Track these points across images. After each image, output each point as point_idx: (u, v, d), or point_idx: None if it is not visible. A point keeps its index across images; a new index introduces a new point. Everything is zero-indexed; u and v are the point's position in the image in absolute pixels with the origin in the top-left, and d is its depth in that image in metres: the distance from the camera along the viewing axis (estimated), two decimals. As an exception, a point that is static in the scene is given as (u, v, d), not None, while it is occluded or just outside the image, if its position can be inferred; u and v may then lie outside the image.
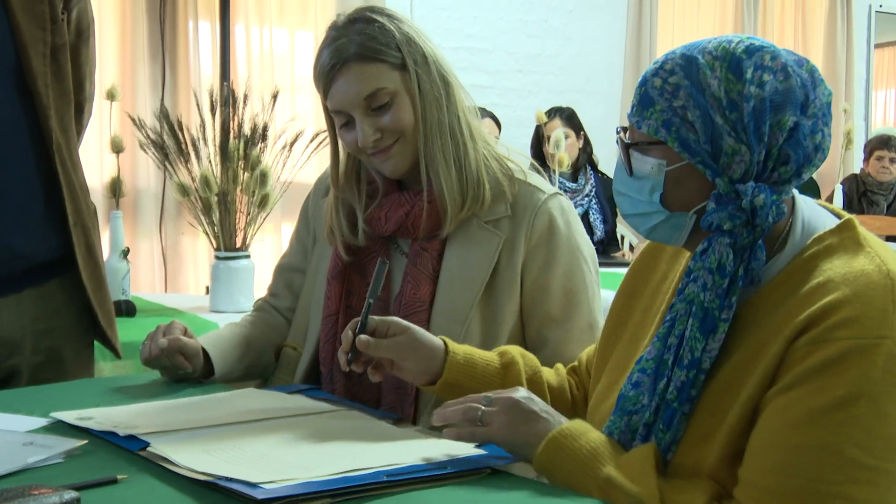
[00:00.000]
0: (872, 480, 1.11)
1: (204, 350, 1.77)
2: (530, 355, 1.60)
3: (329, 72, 1.66)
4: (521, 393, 1.34)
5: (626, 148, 1.28)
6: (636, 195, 1.28)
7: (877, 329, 1.13)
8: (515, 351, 1.58)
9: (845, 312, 1.14)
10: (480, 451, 1.33)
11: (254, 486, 1.16)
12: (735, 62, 1.21)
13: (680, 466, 1.23)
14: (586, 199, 4.77)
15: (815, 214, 1.28)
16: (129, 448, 1.33)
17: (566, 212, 1.75)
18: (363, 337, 1.48)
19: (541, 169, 1.84)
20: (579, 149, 4.81)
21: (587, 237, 1.80)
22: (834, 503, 1.11)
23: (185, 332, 1.75)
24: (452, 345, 1.53)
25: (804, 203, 1.29)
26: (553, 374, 1.60)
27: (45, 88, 1.81)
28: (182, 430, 1.41)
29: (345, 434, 1.42)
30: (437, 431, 1.48)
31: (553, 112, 4.80)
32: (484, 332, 1.70)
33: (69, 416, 1.47)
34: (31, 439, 1.35)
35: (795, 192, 1.29)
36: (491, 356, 1.56)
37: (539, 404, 1.32)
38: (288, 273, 1.95)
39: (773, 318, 1.20)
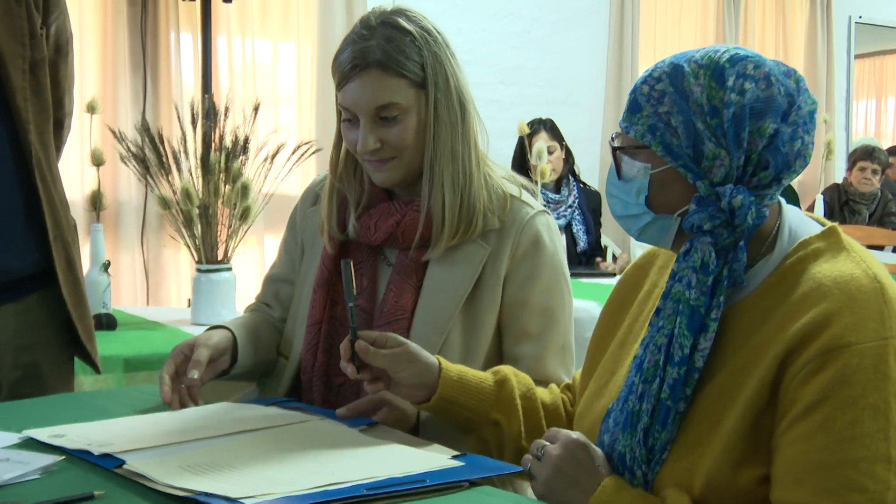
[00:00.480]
0: None
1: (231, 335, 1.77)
2: (523, 374, 1.60)
3: (348, 70, 1.64)
4: (565, 449, 1.31)
5: (614, 151, 1.33)
6: (625, 197, 1.33)
7: (880, 331, 1.17)
8: (508, 370, 1.59)
9: (846, 318, 1.17)
10: (458, 463, 1.32)
11: (234, 500, 1.15)
12: (718, 70, 1.25)
13: (673, 468, 1.25)
14: (569, 210, 4.77)
15: (802, 221, 1.32)
16: (105, 466, 1.31)
17: (552, 230, 1.75)
18: (362, 343, 1.47)
19: (534, 189, 1.82)
20: (562, 160, 4.82)
21: (566, 260, 1.79)
22: None
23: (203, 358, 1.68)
24: (446, 362, 1.54)
25: (791, 211, 1.33)
26: (547, 393, 1.61)
27: (25, 103, 1.81)
28: (157, 447, 1.40)
29: (322, 446, 1.41)
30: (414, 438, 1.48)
31: (537, 124, 4.80)
32: (464, 343, 1.69)
33: (42, 434, 1.44)
34: (6, 455, 1.33)
35: (782, 199, 1.33)
36: (484, 375, 1.57)
37: (583, 462, 1.31)
38: (276, 284, 1.93)
39: (768, 324, 1.23)
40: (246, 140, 2.99)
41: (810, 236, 1.28)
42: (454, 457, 1.35)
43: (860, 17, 7.60)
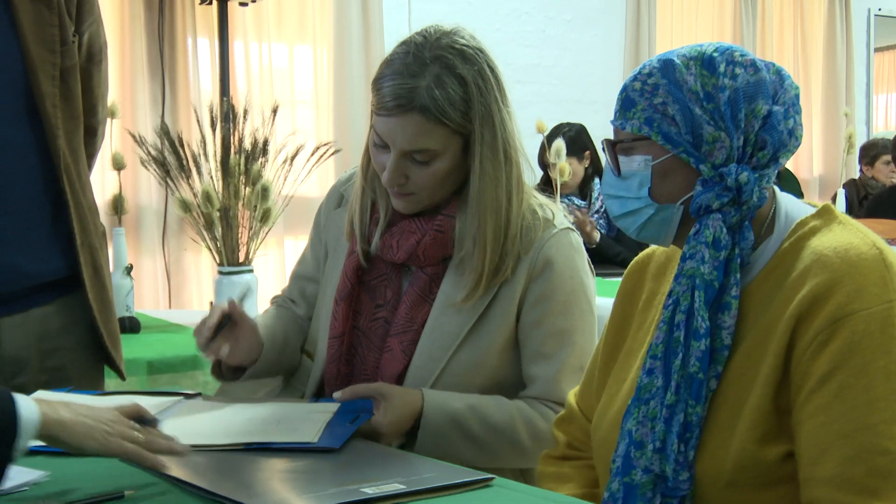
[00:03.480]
0: None
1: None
2: None
3: (391, 106, 1.57)
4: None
5: (612, 148, 1.36)
6: (625, 193, 1.35)
7: (883, 295, 1.20)
8: None
9: (849, 285, 1.20)
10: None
11: (307, 443, 1.37)
12: (708, 59, 1.31)
13: (708, 449, 1.26)
14: (595, 215, 4.67)
15: (795, 204, 1.37)
16: None
17: (573, 248, 1.70)
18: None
19: (556, 209, 1.76)
20: (584, 168, 4.74)
21: (592, 278, 1.75)
22: None
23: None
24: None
25: (785, 195, 1.38)
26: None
27: (54, 109, 1.81)
28: None
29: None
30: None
31: (555, 135, 4.61)
32: (470, 360, 1.66)
33: None
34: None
35: (775, 186, 1.37)
36: None
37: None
38: (302, 281, 1.90)
39: (775, 302, 1.26)
40: (265, 142, 3.01)
41: (806, 216, 1.32)
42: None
43: (879, 9, 7.55)
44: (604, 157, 1.42)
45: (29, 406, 1.15)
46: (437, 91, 1.57)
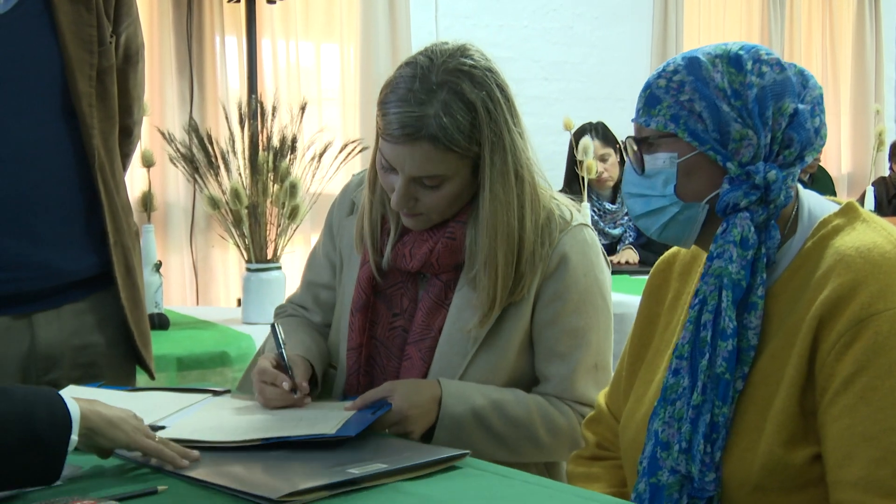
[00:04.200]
0: None
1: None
2: None
3: (398, 135, 1.54)
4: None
5: (637, 145, 1.35)
6: (649, 192, 1.34)
7: None
8: None
9: (872, 286, 1.19)
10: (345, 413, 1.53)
11: (324, 434, 1.39)
12: (734, 57, 1.30)
13: (735, 450, 1.26)
14: (625, 217, 4.60)
15: (818, 202, 1.36)
16: None
17: (588, 244, 1.68)
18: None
19: (577, 207, 1.73)
20: (617, 164, 4.60)
21: (608, 273, 1.72)
22: None
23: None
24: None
25: (806, 193, 1.37)
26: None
27: (90, 109, 1.83)
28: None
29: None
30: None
31: (588, 130, 4.49)
32: (488, 361, 1.66)
33: None
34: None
35: (799, 185, 1.36)
36: None
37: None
38: (317, 288, 1.89)
39: (800, 303, 1.25)
40: (293, 140, 3.01)
41: (830, 215, 1.31)
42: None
43: (909, 6, 7.48)
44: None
45: (71, 402, 1.21)
46: (446, 119, 1.53)
